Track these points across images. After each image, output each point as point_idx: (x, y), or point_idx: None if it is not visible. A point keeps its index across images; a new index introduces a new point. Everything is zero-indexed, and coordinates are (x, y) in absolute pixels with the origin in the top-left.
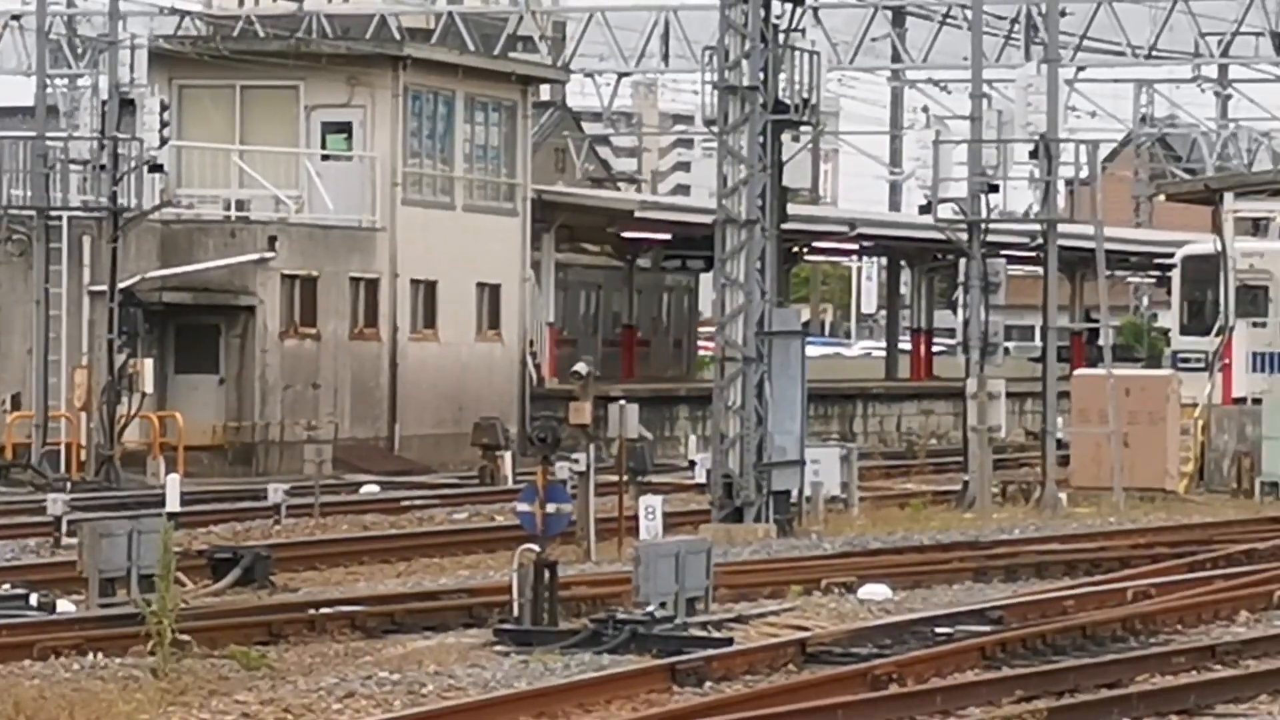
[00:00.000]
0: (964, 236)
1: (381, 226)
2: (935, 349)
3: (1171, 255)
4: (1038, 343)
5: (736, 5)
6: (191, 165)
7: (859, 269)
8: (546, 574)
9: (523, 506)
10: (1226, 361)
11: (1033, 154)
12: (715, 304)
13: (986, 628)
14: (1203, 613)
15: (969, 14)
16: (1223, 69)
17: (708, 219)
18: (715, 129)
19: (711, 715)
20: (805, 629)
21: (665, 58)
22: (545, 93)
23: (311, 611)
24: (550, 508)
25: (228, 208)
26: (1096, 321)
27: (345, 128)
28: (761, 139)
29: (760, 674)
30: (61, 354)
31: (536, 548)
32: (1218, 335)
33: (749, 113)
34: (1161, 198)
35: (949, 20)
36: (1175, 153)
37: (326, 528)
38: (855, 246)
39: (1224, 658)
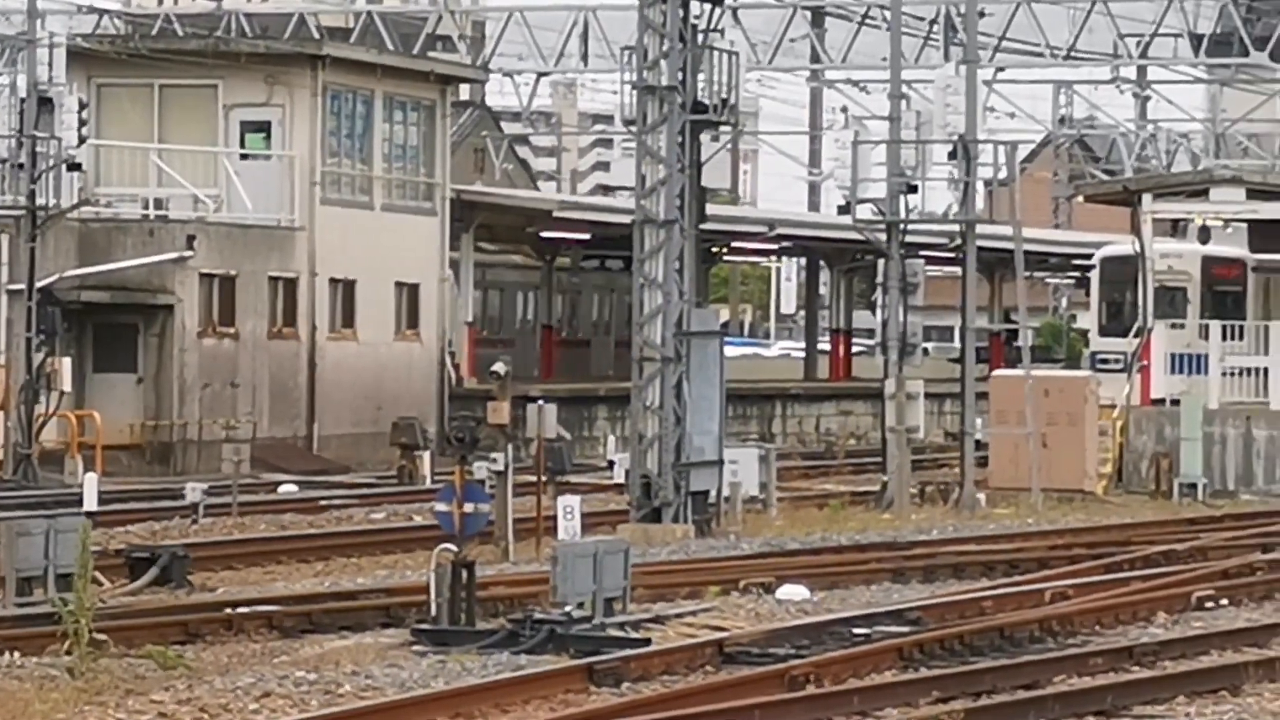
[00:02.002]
0: (883, 237)
1: (300, 226)
2: (854, 349)
3: (1090, 256)
4: (956, 343)
5: (655, 5)
6: (110, 164)
7: (778, 269)
8: (464, 574)
9: (440, 506)
10: (1145, 363)
11: (951, 155)
12: (634, 303)
13: (904, 628)
14: (1120, 614)
15: (888, 14)
16: (1141, 70)
17: (627, 219)
18: (634, 129)
19: (629, 715)
20: (723, 629)
21: (584, 58)
22: (464, 92)
23: (229, 611)
24: (468, 507)
25: (146, 207)
26: (1015, 322)
27: (264, 127)
28: (680, 139)
29: (678, 674)
30: None
31: (454, 548)
32: (1136, 336)
33: (668, 113)
34: (1080, 199)
35: (868, 21)
36: (1094, 154)
37: (244, 527)
38: (774, 247)
39: (1141, 659)
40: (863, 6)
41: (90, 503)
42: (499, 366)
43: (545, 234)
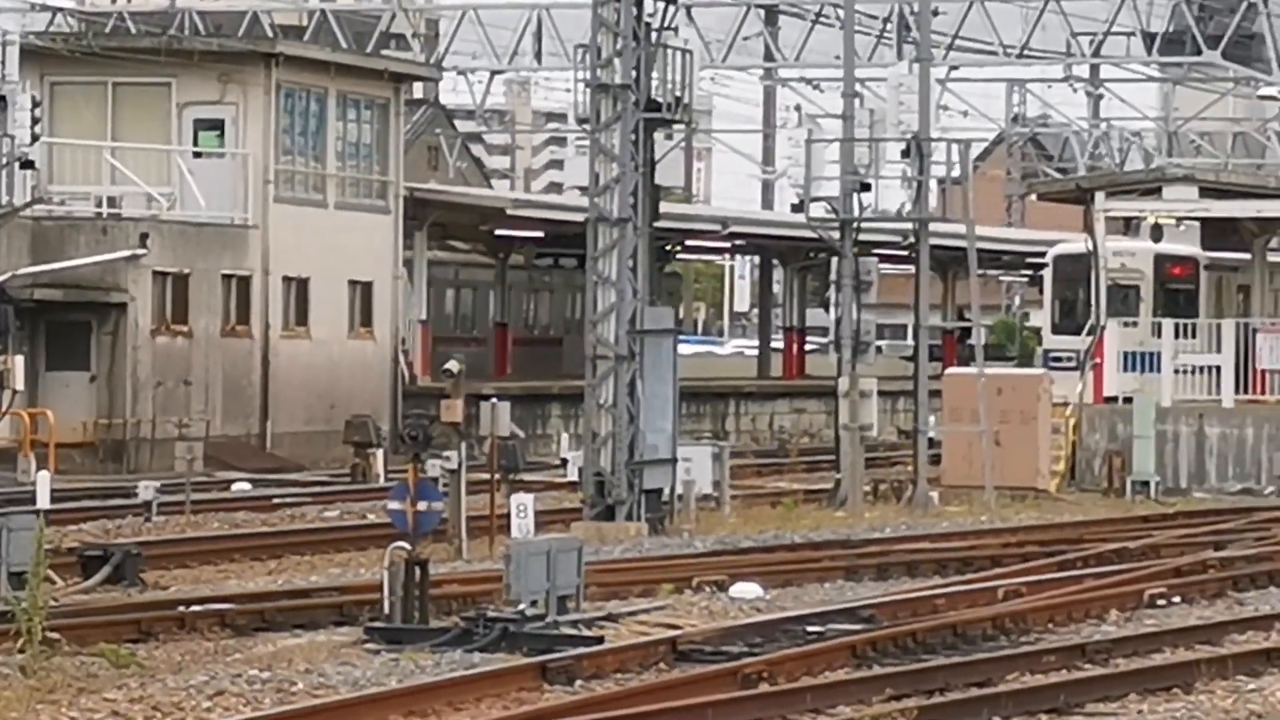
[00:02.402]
0: (836, 235)
1: (253, 224)
2: (807, 347)
3: (1043, 254)
4: (910, 341)
5: (609, 4)
6: (63, 162)
7: (731, 267)
8: (417, 572)
9: (394, 504)
10: (1098, 361)
11: (905, 153)
12: (588, 302)
13: (857, 626)
14: (1073, 612)
15: (841, 13)
16: (1094, 69)
17: (580, 217)
18: (588, 127)
19: (582, 713)
20: (676, 627)
21: (538, 56)
22: (418, 90)
23: (181, 609)
24: (421, 505)
25: (99, 205)
26: (968, 320)
27: (217, 125)
28: (634, 137)
29: (631, 672)
30: None
31: (408, 546)
32: (1089, 334)
33: (621, 111)
34: (1033, 197)
35: (821, 19)
36: (1047, 152)
37: (197, 525)
38: (728, 245)
39: (1094, 656)
40: (816, 5)
41: (43, 501)
42: (452, 364)
43: (499, 232)
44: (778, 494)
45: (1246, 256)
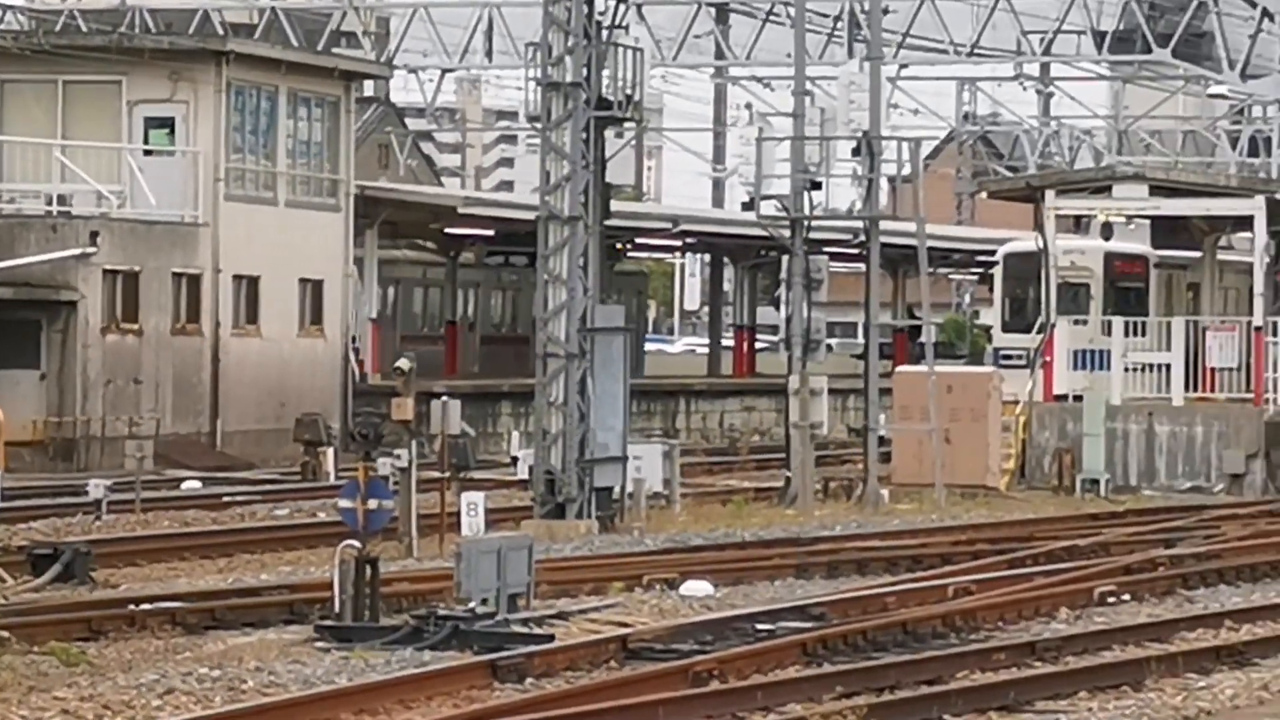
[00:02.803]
0: (787, 233)
1: (204, 222)
2: (758, 345)
3: (993, 253)
4: (860, 339)
5: (560, 2)
6: (13, 160)
7: (682, 265)
8: (368, 570)
9: (344, 502)
10: (1048, 359)
11: (855, 151)
12: (538, 300)
13: (808, 624)
14: (1023, 609)
15: (792, 11)
16: (1044, 67)
17: (531, 215)
18: (538, 125)
19: (532, 711)
20: (627, 625)
21: (489, 54)
22: (369, 88)
23: (132, 607)
24: (372, 504)
25: (49, 203)
26: (919, 318)
27: (168, 123)
28: (584, 135)
29: (581, 670)
30: None
31: (358, 544)
32: (1039, 332)
33: (572, 109)
34: (983, 195)
35: (772, 17)
36: (997, 150)
37: (148, 524)
38: (679, 243)
39: (1044, 654)
40: (767, 3)
41: None
42: (403, 362)
43: (449, 230)
44: (728, 492)
45: (1196, 255)
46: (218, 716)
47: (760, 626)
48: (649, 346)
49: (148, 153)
